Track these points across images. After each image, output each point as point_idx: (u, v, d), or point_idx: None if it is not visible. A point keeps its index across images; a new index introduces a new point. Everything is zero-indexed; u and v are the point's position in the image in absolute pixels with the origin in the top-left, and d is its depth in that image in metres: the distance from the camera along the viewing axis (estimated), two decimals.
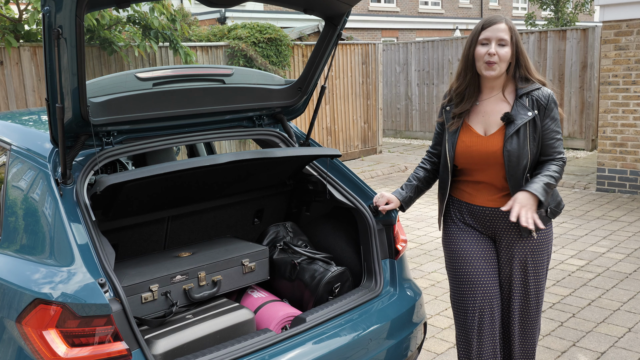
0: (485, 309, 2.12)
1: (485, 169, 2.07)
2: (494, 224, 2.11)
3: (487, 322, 2.13)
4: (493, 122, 2.04)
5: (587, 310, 3.54)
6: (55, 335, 1.56)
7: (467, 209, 2.15)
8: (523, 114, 1.99)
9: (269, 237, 2.56)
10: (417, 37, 18.73)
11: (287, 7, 2.18)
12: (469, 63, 2.04)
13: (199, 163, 1.93)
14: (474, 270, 2.12)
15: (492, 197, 2.09)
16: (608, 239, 4.92)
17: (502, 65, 1.99)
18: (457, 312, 2.20)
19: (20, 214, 1.83)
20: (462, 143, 2.07)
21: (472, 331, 2.13)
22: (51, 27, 1.54)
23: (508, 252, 2.12)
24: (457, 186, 2.19)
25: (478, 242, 2.14)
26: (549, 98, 2.00)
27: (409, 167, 8.58)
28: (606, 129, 6.45)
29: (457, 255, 2.16)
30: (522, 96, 2.01)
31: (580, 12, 14.11)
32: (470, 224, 2.16)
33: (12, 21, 5.57)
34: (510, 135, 1.99)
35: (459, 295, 2.17)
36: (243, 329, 2.02)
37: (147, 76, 2.03)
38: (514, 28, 2.01)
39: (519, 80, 2.03)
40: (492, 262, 2.14)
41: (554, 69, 9.21)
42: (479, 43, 2.00)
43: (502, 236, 2.12)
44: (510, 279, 2.14)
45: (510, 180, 2.02)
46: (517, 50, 2.00)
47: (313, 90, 2.47)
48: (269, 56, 7.49)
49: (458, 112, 2.09)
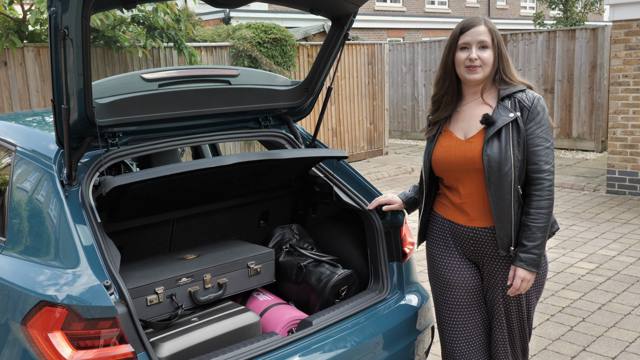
0: (466, 342, 2.01)
1: (464, 175, 1.91)
2: (477, 248, 1.95)
3: (466, 348, 2.01)
4: (473, 126, 1.91)
5: (598, 315, 3.49)
6: (60, 337, 1.56)
7: (449, 229, 1.99)
8: (504, 116, 1.84)
9: (274, 240, 2.55)
10: (424, 37, 18.68)
11: (293, 7, 2.16)
12: (447, 69, 1.92)
13: (205, 164, 1.91)
14: (456, 300, 2.00)
15: (475, 214, 1.92)
16: (618, 242, 4.86)
17: (485, 69, 1.86)
18: (440, 337, 2.10)
19: (25, 215, 1.82)
20: (441, 147, 1.95)
21: (452, 355, 2.04)
22: (57, 28, 1.54)
23: (491, 278, 1.97)
24: (439, 200, 2.04)
25: (461, 269, 1.99)
26: (534, 101, 1.85)
27: (415, 169, 8.54)
28: (616, 130, 6.38)
29: (439, 280, 2.04)
30: (504, 98, 1.87)
31: (589, 11, 14.00)
32: (452, 248, 2.00)
33: (16, 21, 5.57)
34: (490, 137, 1.84)
35: (440, 323, 2.07)
36: (249, 332, 2.01)
37: (153, 77, 2.02)
38: (495, 29, 1.88)
39: (500, 83, 1.90)
40: (476, 292, 2.00)
41: (563, 69, 9.14)
42: (458, 48, 1.88)
43: (485, 261, 1.96)
44: (493, 306, 1.99)
45: (490, 188, 1.84)
46: (498, 53, 1.87)
47: (319, 91, 2.45)
48: (274, 56, 7.48)
49: (434, 120, 1.99)
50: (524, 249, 1.87)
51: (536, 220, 1.85)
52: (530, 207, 1.87)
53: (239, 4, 2.03)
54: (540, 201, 1.86)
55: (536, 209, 1.86)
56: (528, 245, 1.86)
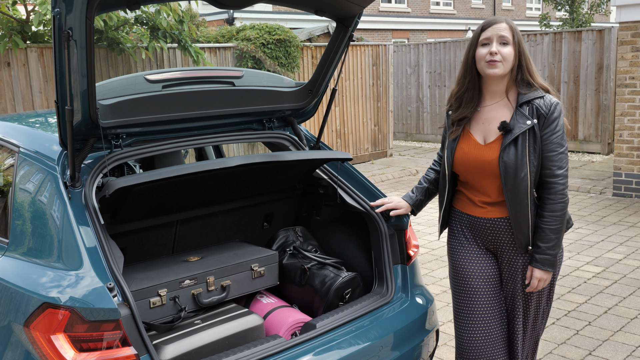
0: (482, 334, 2.04)
1: (483, 178, 1.98)
2: (495, 237, 2.02)
3: (481, 348, 2.04)
4: (492, 130, 1.95)
5: (604, 319, 3.46)
6: (63, 339, 1.55)
7: (467, 222, 2.07)
8: (522, 123, 1.88)
9: (278, 242, 2.54)
10: (429, 38, 18.64)
11: (297, 8, 2.16)
12: (468, 66, 1.96)
13: (209, 166, 1.91)
14: (473, 290, 2.04)
15: (491, 207, 1.99)
16: (625, 245, 4.83)
17: (506, 65, 1.88)
18: (455, 330, 2.13)
19: (28, 216, 1.82)
20: (461, 150, 2.00)
21: (466, 353, 2.06)
22: (61, 29, 1.54)
23: (510, 267, 2.03)
24: (458, 197, 2.12)
25: (478, 260, 2.05)
26: (551, 107, 1.88)
27: (420, 171, 8.52)
28: (623, 132, 6.34)
29: (457, 271, 2.10)
30: (522, 104, 1.91)
31: (596, 12, 13.92)
32: (471, 240, 2.08)
33: (19, 22, 5.56)
34: (507, 144, 1.89)
35: (457, 314, 2.11)
36: (252, 334, 2.00)
37: (157, 78, 2.02)
38: (516, 28, 1.91)
39: (521, 85, 1.93)
40: (493, 283, 2.05)
41: (569, 70, 9.09)
42: (480, 44, 1.91)
43: (504, 251, 2.03)
44: (514, 296, 2.05)
45: (507, 192, 1.91)
46: (519, 51, 1.90)
47: (324, 93, 2.44)
48: (277, 57, 7.47)
49: (456, 117, 2.01)
50: (539, 250, 1.94)
51: (550, 222, 1.92)
52: (544, 210, 1.93)
53: (243, 4, 2.02)
54: (553, 204, 1.92)
55: (550, 212, 1.92)
56: (542, 246, 1.93)
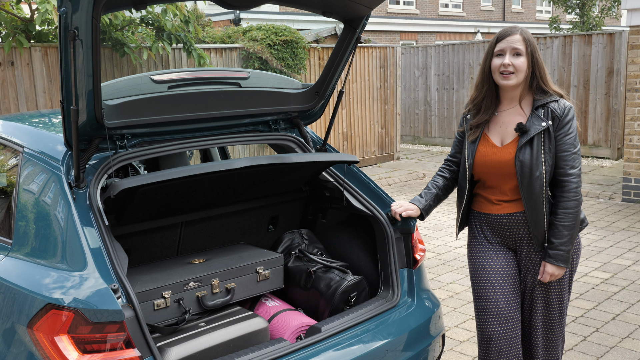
0: (503, 326, 2.10)
1: (500, 178, 2.08)
2: (513, 233, 2.11)
3: (504, 339, 2.10)
4: (509, 133, 2.07)
5: (612, 325, 3.42)
6: (67, 341, 1.55)
7: (486, 221, 2.15)
8: (537, 125, 2.00)
9: (283, 245, 2.52)
10: (437, 40, 18.58)
11: (305, 9, 2.15)
12: (485, 75, 2.08)
13: (214, 168, 1.90)
14: (492, 287, 2.11)
15: (507, 204, 2.09)
16: (634, 252, 4.77)
17: (519, 75, 2.00)
18: (477, 326, 2.19)
19: (32, 217, 1.81)
20: (479, 153, 2.11)
21: (489, 348, 2.12)
22: (67, 29, 1.53)
23: (528, 260, 2.11)
24: (475, 199, 2.21)
25: (498, 257, 2.13)
26: (565, 110, 2.01)
27: (427, 175, 8.48)
28: (633, 137, 6.27)
29: (476, 270, 2.17)
30: (538, 108, 2.03)
31: (606, 16, 13.81)
32: (490, 238, 2.16)
33: (23, 21, 5.55)
34: (522, 144, 2.00)
35: (478, 310, 2.17)
36: (257, 338, 1.99)
37: (163, 79, 2.01)
38: (530, 39, 2.01)
39: (536, 92, 2.05)
40: (512, 279, 2.13)
41: (579, 74, 9.02)
42: (495, 55, 2.04)
43: (522, 245, 2.11)
44: (532, 289, 2.13)
45: (523, 191, 2.01)
46: (533, 61, 2.01)
47: (331, 95, 2.43)
48: (284, 59, 7.45)
49: (475, 123, 2.13)
50: (552, 245, 2.03)
51: (563, 219, 2.01)
52: (558, 207, 2.03)
53: (249, 5, 2.01)
54: (567, 202, 2.01)
55: (563, 210, 2.02)
56: (555, 242, 2.02)
